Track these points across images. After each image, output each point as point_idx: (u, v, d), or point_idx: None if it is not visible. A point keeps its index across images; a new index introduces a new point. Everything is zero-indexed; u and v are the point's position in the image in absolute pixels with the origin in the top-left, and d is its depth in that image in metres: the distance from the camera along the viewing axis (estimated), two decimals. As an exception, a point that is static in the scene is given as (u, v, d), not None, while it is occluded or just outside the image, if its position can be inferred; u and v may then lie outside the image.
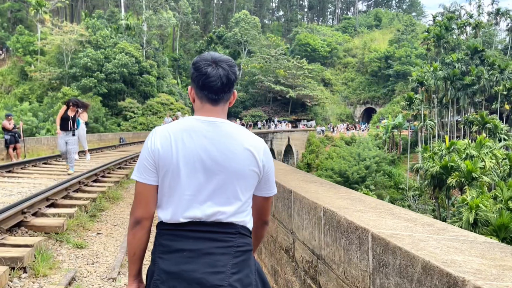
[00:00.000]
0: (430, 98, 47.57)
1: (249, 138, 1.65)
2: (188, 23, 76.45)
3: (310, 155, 48.73)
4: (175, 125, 1.64)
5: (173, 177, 1.59)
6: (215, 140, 1.59)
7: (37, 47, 48.39)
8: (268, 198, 1.78)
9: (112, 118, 43.31)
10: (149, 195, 1.64)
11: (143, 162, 1.63)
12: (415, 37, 77.10)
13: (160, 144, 1.60)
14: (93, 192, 7.95)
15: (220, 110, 1.66)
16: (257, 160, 1.62)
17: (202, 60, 1.64)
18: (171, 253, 1.58)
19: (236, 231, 1.61)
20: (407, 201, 38.13)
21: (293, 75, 60.91)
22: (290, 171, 3.26)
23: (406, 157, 49.74)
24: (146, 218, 1.65)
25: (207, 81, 1.61)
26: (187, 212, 1.58)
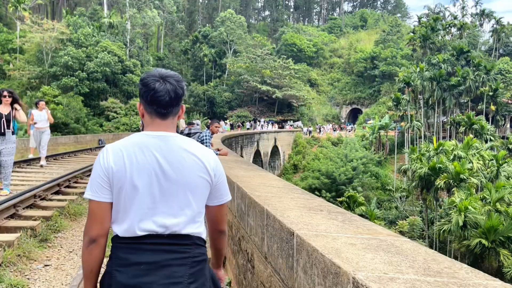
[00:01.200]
0: (417, 99, 47.53)
1: (199, 150, 1.71)
2: (173, 22, 75.35)
3: (297, 156, 48.24)
4: (126, 141, 1.67)
5: (127, 192, 1.61)
6: (166, 153, 1.63)
7: (16, 45, 46.80)
8: (221, 206, 1.80)
9: (94, 119, 42.11)
10: (103, 213, 1.65)
11: (96, 180, 1.65)
12: (400, 38, 77.36)
13: (113, 161, 1.62)
14: (49, 208, 6.64)
15: (169, 124, 1.71)
16: (208, 170, 1.69)
17: (150, 76, 1.68)
18: (129, 266, 1.58)
19: (192, 242, 1.66)
20: (394, 202, 37.91)
21: (279, 75, 60.32)
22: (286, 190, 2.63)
23: (392, 158, 49.62)
24: (102, 236, 1.66)
25: (155, 96, 1.64)
26: (143, 225, 1.61)
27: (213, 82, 65.23)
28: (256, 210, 2.23)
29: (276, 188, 2.79)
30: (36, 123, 11.26)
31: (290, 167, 47.04)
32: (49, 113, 11.69)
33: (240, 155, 26.06)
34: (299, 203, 2.24)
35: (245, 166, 4.35)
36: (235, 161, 4.96)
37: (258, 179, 3.32)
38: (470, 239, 22.53)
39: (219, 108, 61.44)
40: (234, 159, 5.74)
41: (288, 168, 46.74)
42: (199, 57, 66.26)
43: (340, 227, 1.69)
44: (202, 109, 60.59)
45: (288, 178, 44.21)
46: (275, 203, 2.20)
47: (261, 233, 2.13)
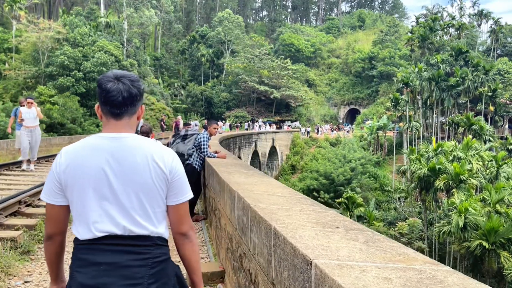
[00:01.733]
0: (415, 99, 47.34)
1: (154, 148, 1.69)
2: (170, 22, 74.95)
3: (295, 156, 47.97)
4: (79, 144, 1.68)
5: (81, 195, 1.63)
6: (117, 155, 1.63)
7: (11, 44, 46.34)
8: (179, 206, 1.75)
9: (90, 119, 41.70)
10: (58, 215, 1.70)
11: (50, 184, 1.69)
12: (398, 38, 77.25)
13: (66, 165, 1.65)
14: (35, 215, 6.06)
15: (124, 124, 1.69)
16: (162, 169, 1.67)
17: (104, 77, 1.69)
18: (88, 266, 1.59)
19: (152, 243, 1.65)
20: (393, 203, 37.69)
21: (277, 76, 60.08)
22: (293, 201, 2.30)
23: (391, 158, 49.41)
24: (57, 234, 1.73)
25: (108, 95, 1.65)
26: (100, 227, 1.61)
27: (210, 82, 64.93)
28: (261, 227, 1.94)
29: (282, 198, 2.51)
30: (24, 120, 10.43)
31: (288, 167, 46.77)
32: (38, 110, 10.94)
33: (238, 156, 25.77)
34: (311, 218, 1.96)
35: (245, 170, 4.11)
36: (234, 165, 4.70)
37: (261, 186, 3.03)
38: (470, 241, 22.30)
39: (216, 108, 61.13)
40: (232, 162, 5.57)
41: (286, 168, 46.48)
42: (197, 57, 65.95)
43: (365, 252, 1.40)
44: (199, 110, 60.27)
45: (286, 179, 43.95)
46: (283, 218, 1.91)
47: (267, 254, 1.84)
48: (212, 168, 4.44)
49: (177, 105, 56.13)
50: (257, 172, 3.98)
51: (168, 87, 61.04)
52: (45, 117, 35.67)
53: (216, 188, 4.04)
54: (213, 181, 4.37)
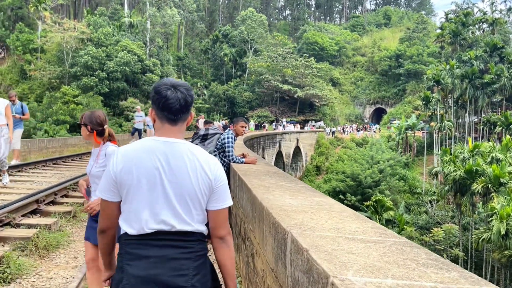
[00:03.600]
0: (446, 98, 45.25)
1: (203, 156, 1.85)
2: (193, 22, 74.69)
3: (320, 157, 46.64)
4: (135, 146, 1.84)
5: (134, 194, 1.77)
6: (170, 158, 1.78)
7: (37, 45, 46.71)
8: (220, 211, 1.87)
9: (113, 119, 41.53)
10: (112, 210, 1.86)
11: (106, 183, 1.83)
12: (426, 35, 74.76)
13: (122, 165, 1.79)
14: (8, 240, 4.81)
15: (178, 130, 1.86)
16: (208, 177, 1.81)
17: (162, 84, 1.84)
18: (139, 259, 1.73)
19: (196, 239, 1.80)
20: (424, 207, 35.97)
21: (301, 74, 58.84)
22: (395, 250, 1.30)
23: (420, 159, 47.51)
24: (110, 228, 1.90)
25: (166, 103, 1.79)
26: (150, 224, 1.75)
27: (233, 81, 64.17)
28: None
29: (372, 247, 1.42)
30: None
31: (313, 168, 45.51)
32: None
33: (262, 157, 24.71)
34: None
35: (287, 183, 3.06)
36: (269, 174, 3.63)
37: (320, 214, 2.01)
38: (512, 249, 20.69)
39: (239, 108, 60.32)
40: (266, 170, 4.45)
41: (310, 169, 45.24)
42: (219, 56, 65.30)
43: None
44: (222, 109, 59.60)
45: (311, 180, 42.71)
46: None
47: None
48: (241, 179, 3.35)
49: (199, 105, 55.60)
50: (303, 186, 2.90)
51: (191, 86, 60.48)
52: (69, 117, 35.74)
53: (248, 208, 2.95)
54: (243, 197, 3.25)
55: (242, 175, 3.50)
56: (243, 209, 3.25)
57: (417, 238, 26.27)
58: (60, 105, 37.21)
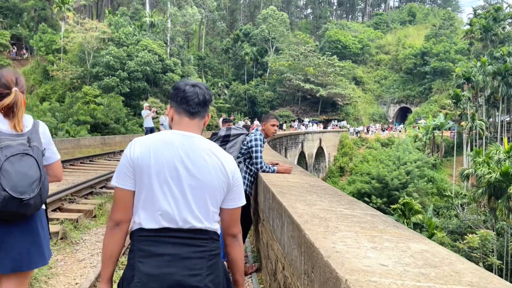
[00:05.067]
0: (477, 96, 43.22)
1: (220, 152, 1.82)
2: (214, 21, 74.29)
3: (343, 158, 45.35)
4: (154, 137, 1.79)
5: (149, 185, 1.70)
6: (190, 152, 1.74)
7: (59, 45, 46.96)
8: (234, 210, 1.87)
9: (134, 118, 41.29)
10: (127, 200, 1.76)
11: (122, 168, 1.76)
12: (454, 32, 72.31)
13: (140, 152, 1.73)
14: None
15: (196, 125, 1.83)
16: (227, 173, 1.78)
17: (181, 82, 1.88)
18: (152, 257, 1.66)
19: (209, 237, 1.74)
20: (454, 210, 34.31)
21: (323, 73, 57.59)
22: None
23: (448, 160, 45.65)
24: (125, 221, 1.77)
25: (186, 95, 1.81)
26: (166, 217, 1.68)
27: (254, 81, 63.36)
28: None
29: None
30: None
31: (336, 169, 44.26)
32: None
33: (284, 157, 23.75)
34: None
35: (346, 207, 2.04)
36: (312, 189, 2.77)
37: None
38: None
39: (260, 107, 59.48)
40: (305, 182, 3.46)
41: (333, 170, 44.01)
42: (240, 55, 64.57)
43: None
44: (243, 109, 58.91)
45: (334, 182, 41.47)
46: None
47: None
48: (278, 202, 2.36)
49: (220, 105, 55.05)
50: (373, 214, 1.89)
51: (211, 86, 60.10)
52: (89, 117, 35.56)
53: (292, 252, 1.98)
54: (282, 229, 2.25)
55: (278, 193, 2.51)
56: (282, 246, 2.25)
57: (450, 244, 24.85)
58: (80, 105, 37.12)
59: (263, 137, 4.34)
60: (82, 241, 5.62)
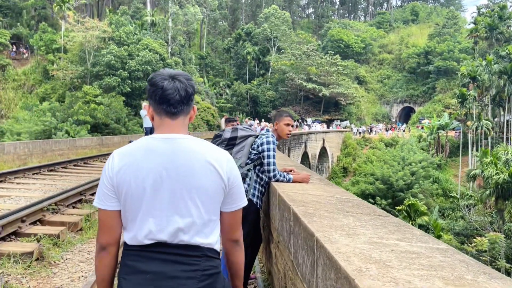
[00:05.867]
0: (482, 95, 42.58)
1: (211, 151, 1.60)
2: (215, 20, 73.75)
3: (346, 158, 44.77)
4: (132, 146, 1.60)
5: (133, 200, 1.53)
6: (173, 157, 1.54)
7: (60, 45, 46.51)
8: (234, 213, 1.68)
9: (135, 118, 40.81)
10: (112, 221, 1.59)
11: (102, 188, 1.59)
12: (457, 31, 71.64)
13: (118, 168, 1.55)
14: None
15: (180, 125, 1.62)
16: (220, 174, 1.57)
17: (158, 75, 1.62)
18: (135, 274, 1.51)
19: (202, 254, 1.54)
20: (460, 211, 33.74)
21: (325, 72, 57.03)
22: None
23: (453, 160, 45.06)
24: (111, 244, 1.60)
25: (164, 94, 1.57)
26: (151, 234, 1.52)
27: (256, 80, 62.82)
28: None
29: None
30: None
31: (339, 170, 43.70)
32: None
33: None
34: None
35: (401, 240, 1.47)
36: (342, 205, 2.31)
37: None
38: None
39: (262, 107, 58.96)
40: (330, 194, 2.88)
41: (337, 171, 43.46)
42: (242, 55, 64.01)
43: None
44: (244, 109, 58.38)
45: (338, 182, 40.88)
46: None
47: None
48: (303, 226, 1.85)
49: (222, 104, 54.55)
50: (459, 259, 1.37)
51: (213, 86, 59.60)
52: (89, 117, 35.08)
53: None
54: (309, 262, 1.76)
55: (304, 214, 1.94)
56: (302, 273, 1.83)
57: (457, 247, 24.28)
58: (80, 105, 36.67)
59: (275, 139, 3.64)
60: (62, 261, 4.75)
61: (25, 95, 45.59)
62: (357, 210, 2.16)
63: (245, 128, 3.84)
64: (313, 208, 2.08)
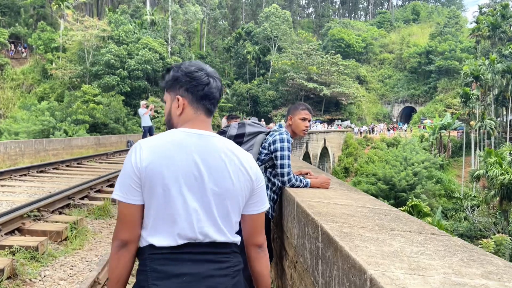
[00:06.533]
0: (485, 95, 42.16)
1: (240, 152, 1.56)
2: (215, 19, 73.32)
3: (348, 158, 44.33)
4: (162, 138, 1.49)
5: (162, 196, 1.43)
6: (207, 155, 1.48)
7: (58, 43, 46.07)
8: (259, 215, 1.61)
9: (134, 118, 40.39)
10: (134, 216, 1.48)
11: (126, 180, 1.46)
12: (459, 30, 71.23)
13: (148, 161, 1.43)
14: None
15: (210, 122, 1.58)
16: (250, 175, 1.53)
17: (199, 70, 1.55)
18: (169, 278, 1.40)
19: (231, 251, 1.51)
20: (463, 212, 33.31)
21: (326, 72, 56.62)
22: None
23: (455, 161, 44.65)
24: (132, 241, 1.49)
25: (210, 91, 1.54)
26: (184, 233, 1.43)
27: (256, 80, 62.38)
28: None
29: None
30: None
31: (341, 170, 43.27)
32: None
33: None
34: None
35: (484, 276, 1.06)
36: (380, 218, 1.86)
37: None
38: None
39: (262, 107, 58.51)
40: (361, 205, 2.35)
41: (338, 171, 43.02)
42: (242, 54, 63.55)
43: None
44: (245, 108, 57.95)
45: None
46: None
47: None
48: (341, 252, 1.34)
49: (222, 104, 54.09)
50: None
51: (213, 85, 59.14)
52: (88, 117, 34.66)
53: None
54: None
55: (338, 234, 1.50)
56: None
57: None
58: (79, 104, 36.26)
59: (290, 136, 3.14)
60: (40, 279, 3.99)
61: (23, 94, 45.14)
62: (402, 226, 1.72)
63: (254, 123, 3.30)
64: (347, 225, 1.64)
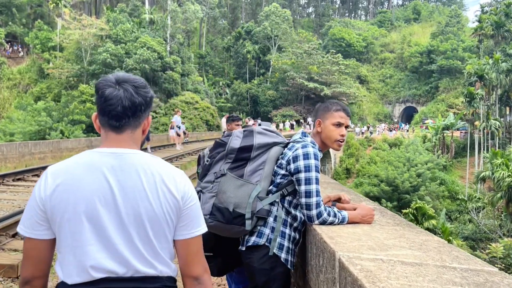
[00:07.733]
0: (489, 94, 41.50)
1: (164, 169, 1.36)
2: (215, 19, 72.67)
3: (349, 159, 43.64)
4: (72, 161, 1.34)
5: (72, 227, 1.28)
6: (120, 176, 1.31)
7: (55, 43, 45.40)
8: (193, 240, 1.40)
9: (132, 119, 39.66)
10: (40, 252, 1.33)
11: (30, 213, 1.32)
12: (461, 29, 70.63)
13: (53, 188, 1.29)
14: None
15: (127, 139, 1.36)
16: (174, 195, 1.34)
17: (104, 80, 1.36)
18: None
19: (162, 285, 1.33)
20: (468, 214, 32.64)
21: (327, 71, 56.04)
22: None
23: (459, 161, 44.01)
24: (38, 277, 1.33)
25: (105, 104, 1.33)
26: (99, 267, 1.27)
27: (256, 80, 61.75)
28: None
29: None
30: None
31: (342, 171, 42.59)
32: None
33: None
34: None
35: None
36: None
37: None
38: None
39: (262, 107, 57.90)
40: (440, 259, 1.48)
41: (339, 172, 42.34)
42: (242, 54, 62.92)
43: None
44: (245, 108, 57.32)
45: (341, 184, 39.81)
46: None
47: None
48: None
49: (222, 104, 53.53)
50: None
51: (212, 85, 58.55)
52: (85, 117, 33.97)
53: None
54: None
55: None
56: None
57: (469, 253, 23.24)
58: (76, 104, 35.57)
59: (317, 148, 2.24)
60: None
61: (20, 94, 44.42)
62: None
63: (267, 131, 2.34)
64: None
